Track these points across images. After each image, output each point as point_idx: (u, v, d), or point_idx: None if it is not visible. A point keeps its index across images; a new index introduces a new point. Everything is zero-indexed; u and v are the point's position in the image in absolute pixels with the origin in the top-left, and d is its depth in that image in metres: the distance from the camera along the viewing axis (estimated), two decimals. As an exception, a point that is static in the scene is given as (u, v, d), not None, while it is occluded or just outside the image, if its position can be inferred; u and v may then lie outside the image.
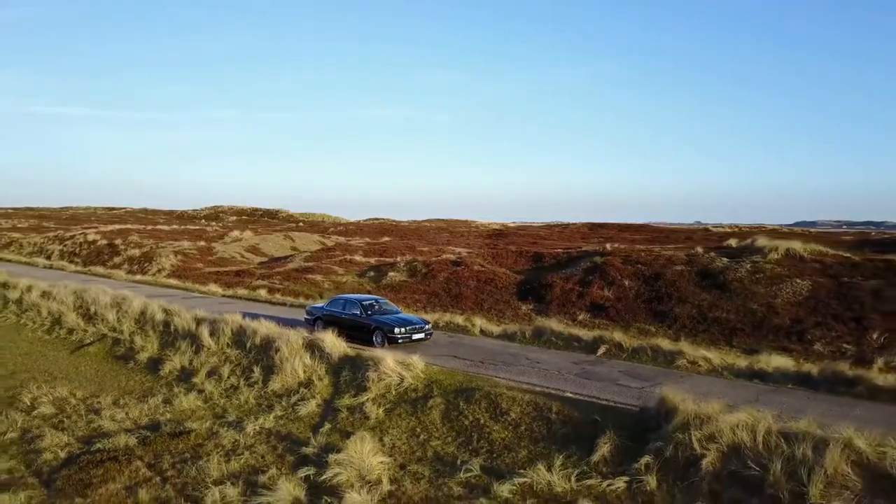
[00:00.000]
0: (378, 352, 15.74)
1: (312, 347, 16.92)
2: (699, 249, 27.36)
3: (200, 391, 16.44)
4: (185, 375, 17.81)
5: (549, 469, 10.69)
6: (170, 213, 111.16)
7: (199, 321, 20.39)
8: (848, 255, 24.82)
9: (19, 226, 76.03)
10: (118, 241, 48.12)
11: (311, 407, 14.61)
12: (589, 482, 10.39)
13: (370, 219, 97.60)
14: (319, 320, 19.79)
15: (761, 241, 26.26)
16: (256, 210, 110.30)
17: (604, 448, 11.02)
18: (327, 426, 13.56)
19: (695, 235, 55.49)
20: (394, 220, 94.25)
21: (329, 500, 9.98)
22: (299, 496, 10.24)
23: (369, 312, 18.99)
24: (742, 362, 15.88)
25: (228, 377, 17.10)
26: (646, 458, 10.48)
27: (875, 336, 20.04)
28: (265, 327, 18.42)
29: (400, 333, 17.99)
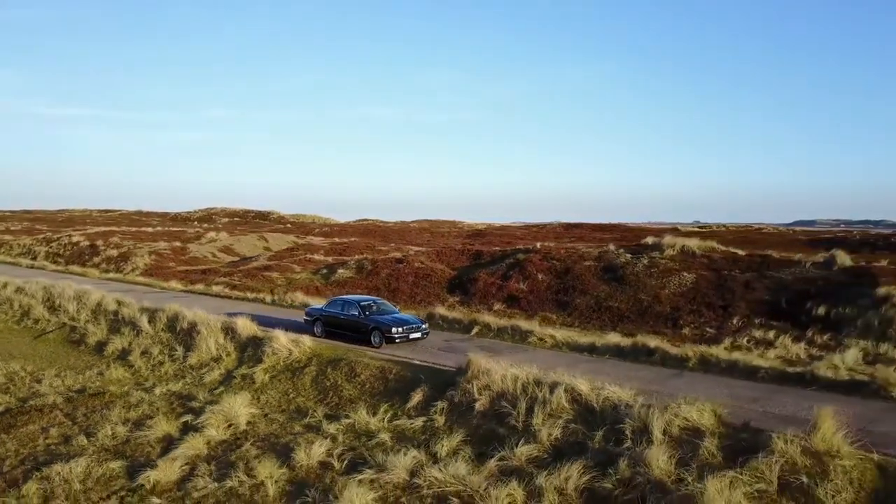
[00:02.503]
0: (275, 332, 19.20)
1: (227, 330, 20.42)
2: (611, 247, 30.63)
3: (131, 366, 20.01)
4: (124, 354, 21.34)
5: (372, 414, 14.14)
6: (164, 214, 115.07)
7: (143, 310, 23.92)
8: (735, 251, 28.02)
9: (12, 228, 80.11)
10: (99, 243, 51.93)
11: (214, 376, 18.13)
12: (397, 422, 13.82)
13: (359, 220, 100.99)
14: (319, 321, 20.74)
15: (666, 240, 29.48)
16: (248, 212, 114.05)
17: (416, 398, 14.46)
18: (221, 389, 17.07)
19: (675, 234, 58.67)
20: (381, 222, 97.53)
21: (193, 434, 13.44)
22: (170, 432, 13.76)
23: (367, 313, 19.85)
24: (585, 339, 19.22)
25: (158, 355, 20.63)
26: (441, 404, 13.91)
27: (735, 321, 23.33)
28: (193, 314, 21.93)
29: (397, 333, 18.89)
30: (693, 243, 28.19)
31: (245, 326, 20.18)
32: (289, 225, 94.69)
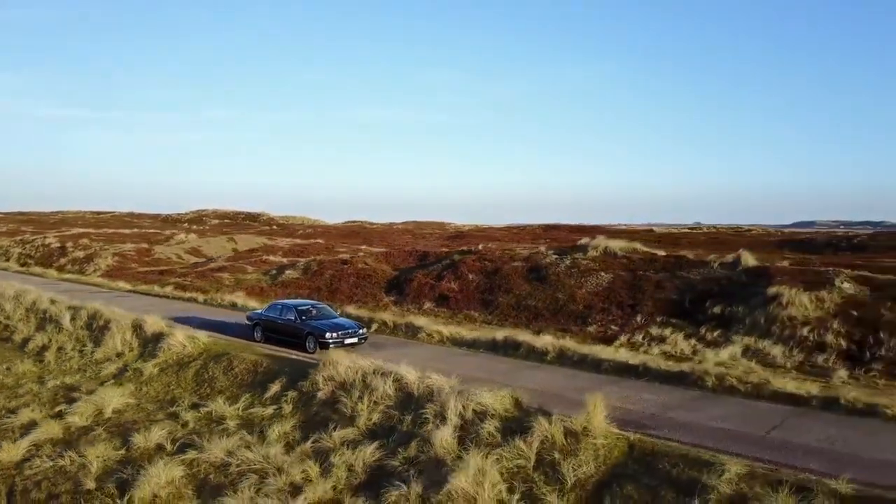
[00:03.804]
0: (175, 328, 20.39)
1: (137, 327, 21.63)
2: (541, 248, 31.67)
3: (42, 361, 21.29)
4: (42, 350, 22.62)
5: (232, 403, 15.28)
6: (155, 216, 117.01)
7: (69, 308, 25.21)
8: (654, 252, 28.98)
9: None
10: (69, 245, 53.51)
11: (111, 369, 19.36)
12: (252, 410, 14.99)
13: (346, 221, 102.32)
14: (259, 326, 20.71)
15: (594, 241, 30.48)
16: (239, 213, 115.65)
17: (274, 388, 15.60)
18: (112, 381, 18.28)
19: (636, 236, 59.68)
20: (368, 223, 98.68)
21: (59, 421, 14.65)
22: (35, 418, 14.98)
23: (304, 318, 19.78)
24: (470, 335, 20.31)
25: (70, 351, 21.90)
26: (293, 393, 15.06)
27: (638, 319, 24.32)
28: (109, 312, 23.19)
29: (331, 338, 18.75)
30: (616, 244, 29.16)
31: (153, 324, 21.37)
32: (275, 227, 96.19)
